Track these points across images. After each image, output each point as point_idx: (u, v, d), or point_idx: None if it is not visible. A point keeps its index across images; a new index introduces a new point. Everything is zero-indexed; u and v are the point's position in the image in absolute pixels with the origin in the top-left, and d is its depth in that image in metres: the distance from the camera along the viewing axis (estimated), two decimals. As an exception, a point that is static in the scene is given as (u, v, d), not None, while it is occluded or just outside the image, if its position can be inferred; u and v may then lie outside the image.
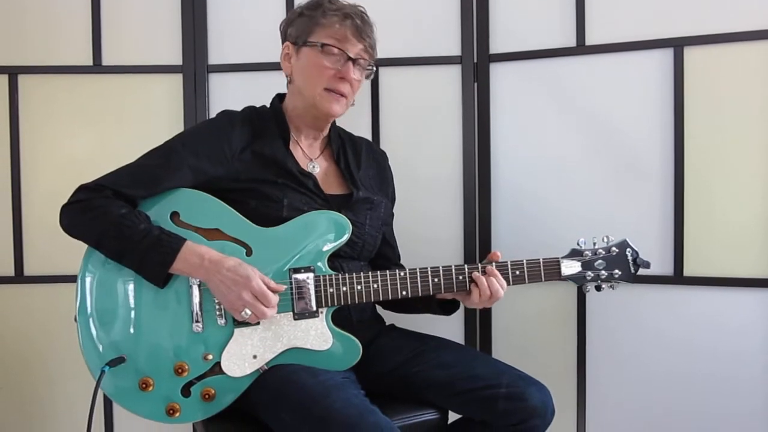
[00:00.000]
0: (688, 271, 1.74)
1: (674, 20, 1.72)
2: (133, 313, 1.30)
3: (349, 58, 1.38)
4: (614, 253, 1.40)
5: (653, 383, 1.80)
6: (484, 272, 1.35)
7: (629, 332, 1.81)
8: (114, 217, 1.25)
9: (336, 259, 1.38)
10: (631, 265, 1.40)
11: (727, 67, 1.69)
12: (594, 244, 1.41)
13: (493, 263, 1.37)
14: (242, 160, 1.37)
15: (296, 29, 1.43)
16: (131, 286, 1.30)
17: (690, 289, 1.74)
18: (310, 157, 1.48)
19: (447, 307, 1.47)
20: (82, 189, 1.30)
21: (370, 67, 1.44)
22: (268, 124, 1.44)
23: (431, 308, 1.47)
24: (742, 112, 1.68)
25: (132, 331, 1.30)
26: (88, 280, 1.30)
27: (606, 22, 1.79)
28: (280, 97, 1.50)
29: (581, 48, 1.81)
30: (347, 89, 1.41)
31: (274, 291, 1.27)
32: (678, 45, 1.72)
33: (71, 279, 1.32)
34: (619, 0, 1.77)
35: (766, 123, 1.66)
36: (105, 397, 1.81)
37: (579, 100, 1.82)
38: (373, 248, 1.48)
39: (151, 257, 1.25)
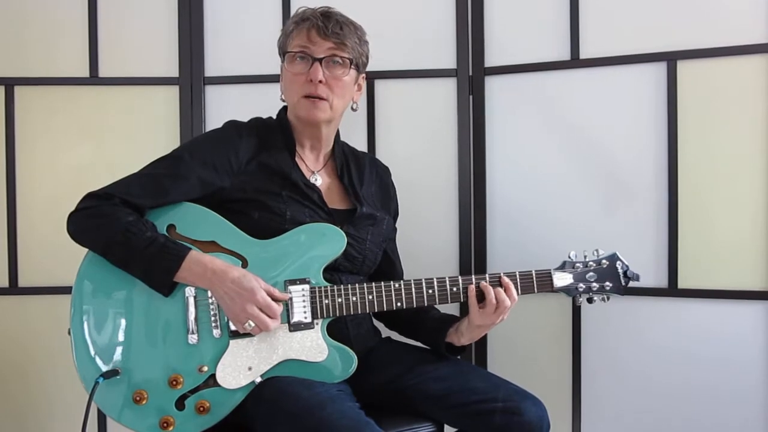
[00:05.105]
0: (682, 284, 1.74)
1: (668, 34, 1.74)
2: (127, 326, 1.29)
3: (314, 59, 1.38)
4: (605, 266, 1.41)
5: (649, 395, 1.79)
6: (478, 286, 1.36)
7: (624, 344, 1.81)
8: (121, 224, 1.25)
9: (335, 273, 1.38)
10: (621, 277, 1.41)
11: (720, 81, 1.71)
12: (585, 256, 1.42)
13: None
14: (248, 172, 1.37)
15: (279, 47, 1.46)
16: (125, 299, 1.30)
17: (684, 302, 1.74)
18: (313, 170, 1.48)
19: (454, 351, 1.45)
20: (91, 196, 1.30)
21: (349, 61, 1.39)
22: (275, 135, 1.44)
23: (439, 346, 1.44)
24: (736, 124, 1.70)
25: (126, 343, 1.29)
26: (81, 292, 1.30)
27: (600, 36, 1.80)
28: (286, 110, 1.50)
29: (575, 62, 1.82)
30: (324, 91, 1.38)
31: (279, 300, 1.27)
32: (671, 59, 1.73)
33: (66, 290, 1.32)
34: (613, 14, 1.79)
35: (759, 136, 1.68)
36: (99, 410, 1.81)
37: (573, 112, 1.83)
38: (373, 264, 1.48)
39: (156, 264, 1.25)
